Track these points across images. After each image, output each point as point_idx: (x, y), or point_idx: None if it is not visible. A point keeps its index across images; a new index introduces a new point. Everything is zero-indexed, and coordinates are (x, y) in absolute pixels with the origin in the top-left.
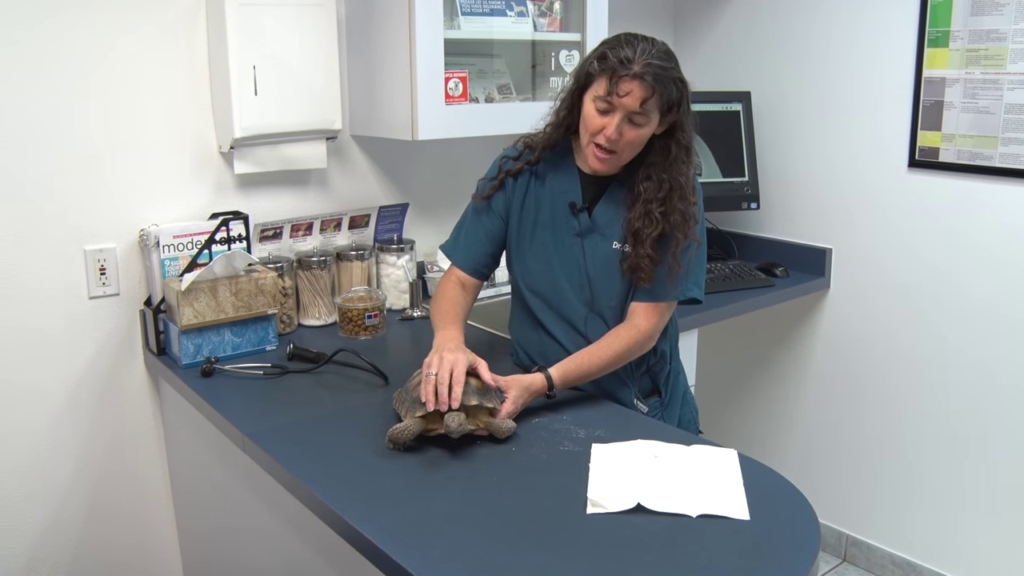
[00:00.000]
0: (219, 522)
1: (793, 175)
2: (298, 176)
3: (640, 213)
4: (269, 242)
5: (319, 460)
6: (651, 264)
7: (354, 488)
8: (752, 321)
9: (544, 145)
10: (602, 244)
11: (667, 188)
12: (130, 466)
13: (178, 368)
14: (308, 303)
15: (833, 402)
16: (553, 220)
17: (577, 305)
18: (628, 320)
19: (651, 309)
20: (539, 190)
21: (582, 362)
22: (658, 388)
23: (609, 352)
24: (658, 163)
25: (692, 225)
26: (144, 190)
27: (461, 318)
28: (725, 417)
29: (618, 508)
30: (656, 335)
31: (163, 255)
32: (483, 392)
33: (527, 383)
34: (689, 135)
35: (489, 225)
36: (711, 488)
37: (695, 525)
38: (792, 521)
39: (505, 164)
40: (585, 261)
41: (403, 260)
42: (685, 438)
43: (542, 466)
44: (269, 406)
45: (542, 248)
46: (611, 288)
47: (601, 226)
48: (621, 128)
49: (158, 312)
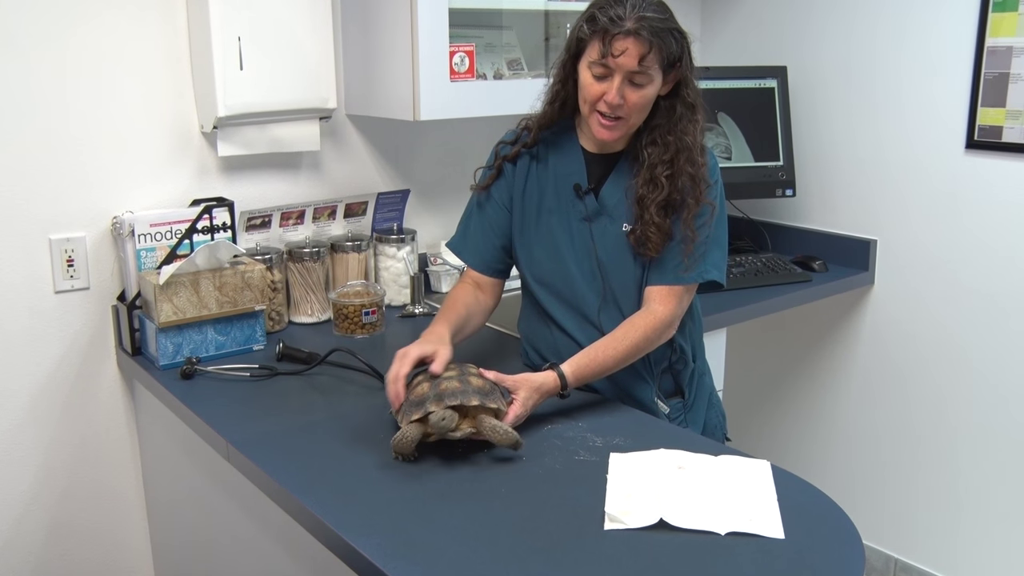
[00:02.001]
0: (199, 539)
1: (833, 158)
2: (288, 159)
3: (645, 179)
4: (256, 231)
5: (311, 470)
6: (659, 234)
7: (349, 501)
8: (786, 320)
9: (539, 124)
10: (611, 227)
11: (673, 150)
12: (100, 477)
13: (155, 370)
14: (299, 298)
15: (878, 410)
16: (558, 205)
17: (589, 295)
18: (644, 306)
19: (668, 293)
20: (541, 173)
21: (596, 355)
22: (681, 388)
23: (625, 343)
24: (662, 125)
25: (703, 188)
26: (117, 173)
27: (456, 316)
28: (756, 425)
29: (639, 524)
30: (676, 321)
31: (138, 245)
32: (485, 391)
33: (538, 383)
34: (695, 91)
35: (494, 217)
36: (742, 503)
37: (724, 544)
38: (832, 541)
39: (501, 150)
40: (595, 246)
41: (403, 252)
42: (713, 448)
43: (555, 477)
44: (256, 411)
45: (548, 235)
46: (624, 274)
47: (610, 208)
48: (622, 91)
49: (133, 308)
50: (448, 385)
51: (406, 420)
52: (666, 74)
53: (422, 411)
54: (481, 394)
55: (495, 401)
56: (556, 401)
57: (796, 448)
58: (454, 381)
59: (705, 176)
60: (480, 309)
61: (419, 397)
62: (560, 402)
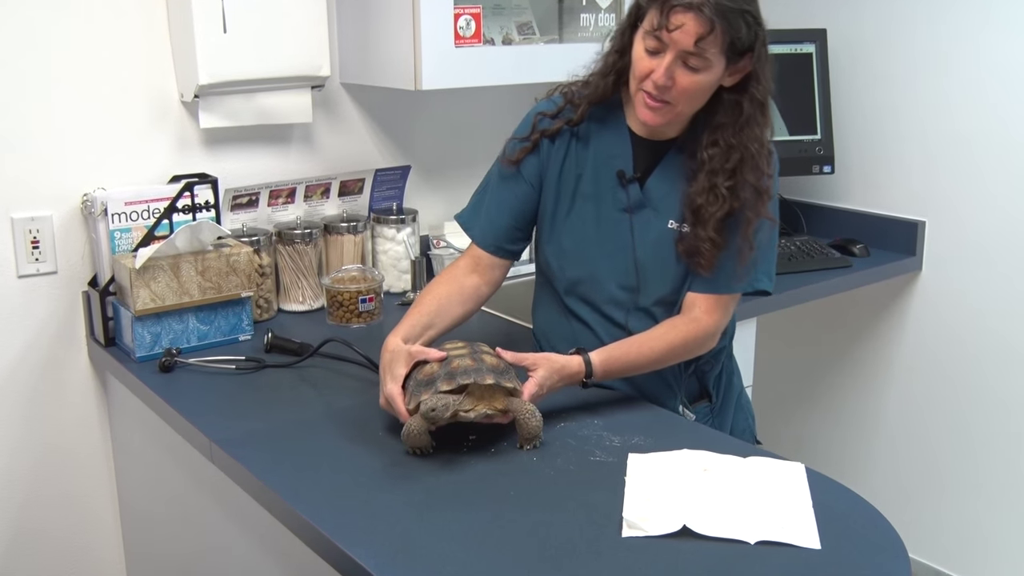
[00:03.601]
0: (179, 548)
1: (878, 132)
2: (277, 132)
3: (703, 187)
4: (243, 211)
5: (302, 472)
6: (713, 249)
7: (344, 505)
8: (823, 310)
9: (590, 100)
10: (655, 222)
11: (737, 157)
12: (68, 482)
13: (131, 362)
14: (290, 284)
15: (925, 410)
16: (596, 191)
17: (619, 295)
18: (685, 312)
19: (714, 302)
20: (581, 154)
21: (629, 350)
22: (708, 391)
23: (662, 344)
24: (727, 125)
25: (765, 202)
26: (88, 147)
27: (419, 315)
28: (788, 426)
29: (660, 531)
30: (718, 333)
31: (112, 225)
32: (500, 370)
33: (560, 364)
34: (765, 89)
35: (519, 194)
36: (773, 509)
37: (753, 554)
38: (874, 553)
39: (540, 122)
40: (634, 241)
41: (404, 234)
42: (741, 448)
43: (569, 479)
44: (242, 407)
45: (580, 223)
46: (664, 276)
47: (655, 200)
48: (672, 71)
49: (106, 294)
50: (460, 363)
51: (414, 402)
52: (730, 62)
53: (432, 391)
54: (496, 372)
55: (511, 380)
56: (570, 397)
57: (833, 451)
58: (466, 359)
59: (769, 188)
60: (464, 297)
61: (428, 376)
62: (574, 398)
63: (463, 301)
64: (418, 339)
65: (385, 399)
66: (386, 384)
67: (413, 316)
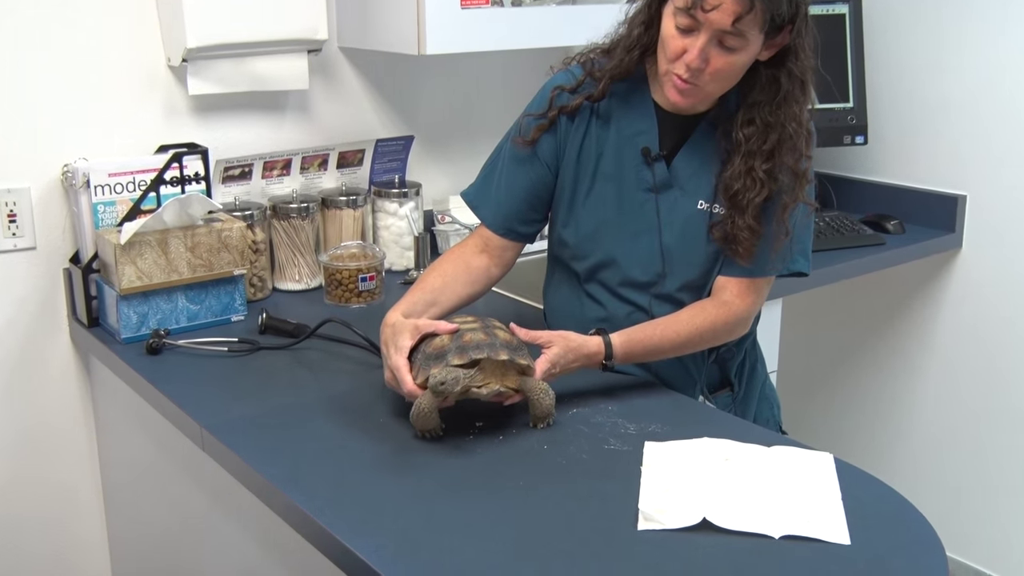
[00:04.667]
0: (167, 541)
1: (915, 98)
2: (271, 100)
3: (740, 171)
4: (235, 183)
5: (299, 460)
6: (752, 237)
7: (343, 495)
8: (854, 291)
9: (612, 75)
10: (683, 202)
11: (775, 137)
12: (50, 471)
13: (116, 344)
14: (285, 261)
15: (964, 398)
16: (619, 170)
17: (643, 281)
18: (715, 296)
19: (747, 285)
20: (602, 131)
21: (653, 333)
22: (730, 380)
23: (689, 328)
24: (764, 103)
25: (803, 186)
26: (69, 114)
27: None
28: (816, 414)
29: (678, 524)
30: (751, 318)
31: (95, 198)
32: (513, 346)
33: (576, 343)
34: (805, 65)
35: (533, 175)
36: (799, 502)
37: (778, 549)
38: (909, 549)
39: (558, 98)
40: (660, 223)
41: (406, 208)
42: (765, 437)
43: (581, 469)
44: (235, 392)
45: (600, 205)
46: (692, 259)
47: (683, 179)
48: (707, 52)
49: (89, 272)
50: (473, 337)
51: (423, 376)
52: (768, 38)
53: (443, 365)
54: (510, 348)
55: (525, 358)
56: (583, 381)
57: (863, 440)
58: (479, 332)
59: (807, 172)
60: (471, 278)
61: (438, 350)
62: (588, 383)
63: (470, 281)
64: (420, 317)
65: (390, 373)
66: (391, 356)
67: (415, 293)
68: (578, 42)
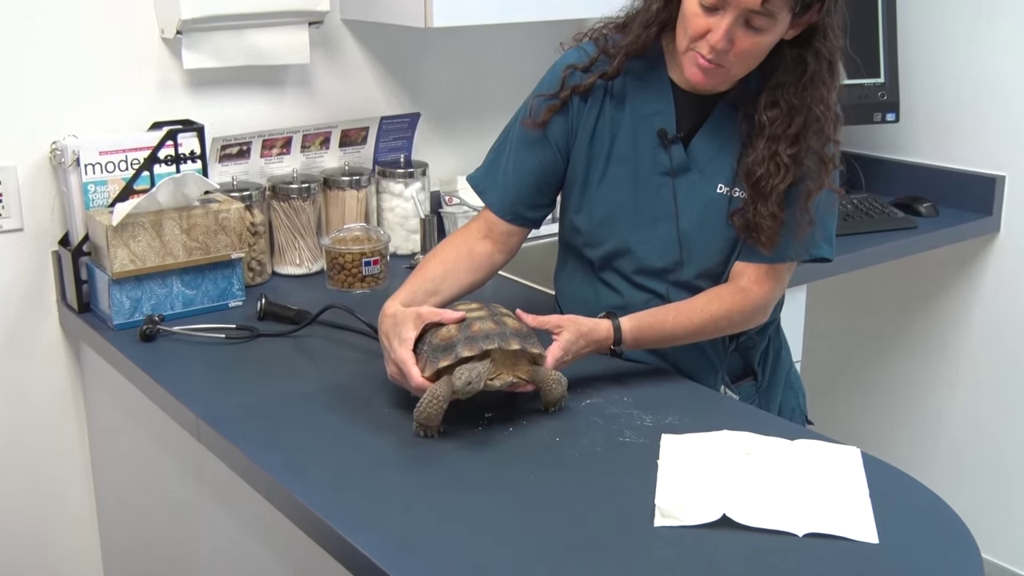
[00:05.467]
0: (162, 538)
1: (951, 73)
2: (271, 74)
3: (764, 156)
4: (233, 162)
5: (300, 452)
6: (775, 225)
7: (346, 488)
8: (884, 277)
9: (627, 51)
10: (701, 186)
11: (800, 120)
12: (38, 465)
13: (108, 330)
14: (285, 245)
15: (1000, 391)
16: (634, 153)
17: (660, 268)
18: (733, 281)
19: (765, 271)
20: (616, 112)
21: (665, 319)
22: (753, 369)
23: (703, 315)
24: (788, 84)
25: (829, 171)
26: (57, 88)
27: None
28: (842, 406)
29: (696, 520)
30: (770, 306)
31: (85, 177)
32: (524, 334)
33: (586, 327)
34: (833, 45)
35: (542, 159)
36: (824, 498)
37: (801, 547)
38: (941, 549)
39: (571, 77)
40: (677, 208)
41: (412, 189)
42: (788, 430)
43: (595, 463)
44: (233, 381)
45: (614, 189)
46: (710, 245)
47: (701, 162)
48: (732, 33)
49: (79, 255)
50: (482, 326)
51: (432, 368)
52: (796, 17)
53: (452, 356)
54: (520, 337)
55: (536, 346)
56: (597, 370)
57: (892, 435)
58: (487, 321)
59: (834, 157)
60: (474, 264)
61: (445, 341)
62: (601, 372)
63: (473, 268)
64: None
65: (395, 367)
66: (394, 349)
67: (415, 281)
68: (594, 14)
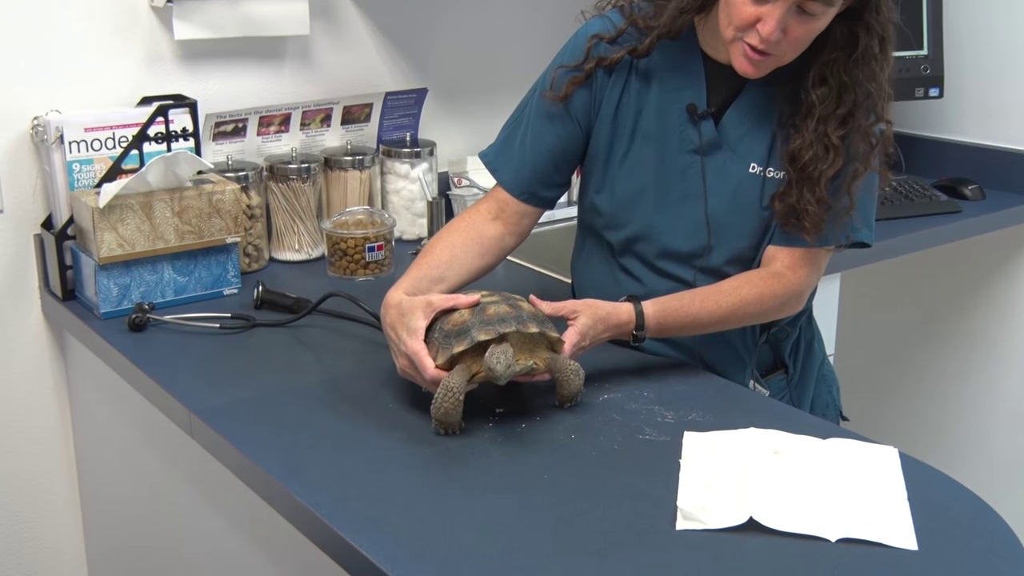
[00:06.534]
0: (151, 540)
1: (1000, 45)
2: (268, 46)
3: (811, 139)
4: (227, 140)
5: (299, 449)
6: (820, 211)
7: (348, 488)
8: (925, 264)
9: (661, 34)
10: (733, 165)
11: (851, 100)
12: (19, 461)
13: (94, 319)
14: (284, 229)
15: None
16: (660, 130)
17: (686, 252)
18: (765, 267)
19: (801, 256)
20: (642, 86)
21: (691, 303)
22: (783, 361)
23: (732, 299)
24: (838, 60)
25: (876, 153)
26: (40, 61)
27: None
28: (878, 402)
29: (721, 524)
30: (806, 294)
31: (70, 156)
32: (541, 318)
33: (604, 312)
34: (886, 18)
35: (563, 135)
36: (859, 501)
37: (834, 554)
38: (986, 559)
39: (596, 48)
40: (706, 189)
41: (419, 170)
42: (820, 428)
43: (613, 462)
44: (228, 373)
45: (639, 168)
46: (742, 229)
47: (733, 140)
48: (785, 22)
49: (63, 238)
50: (496, 310)
51: (445, 355)
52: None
53: (468, 341)
54: (538, 320)
55: (554, 330)
56: (614, 364)
57: (933, 434)
58: (502, 305)
59: (888, 140)
60: (483, 248)
61: (458, 326)
62: (620, 365)
63: (482, 253)
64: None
65: (405, 360)
66: (404, 341)
67: (420, 267)
68: None
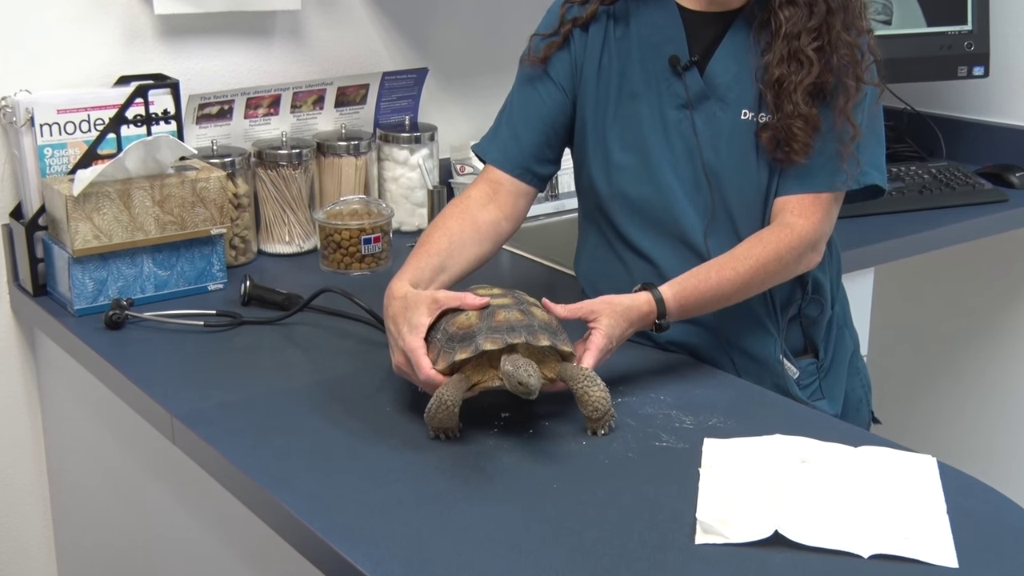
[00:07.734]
0: (129, 551)
1: None
2: (256, 22)
3: (782, 55)
4: (212, 124)
5: (288, 456)
6: (806, 127)
7: (341, 497)
8: (967, 258)
9: None
10: (724, 115)
11: (822, 12)
12: None
13: (68, 316)
14: (273, 219)
15: None
16: (646, 86)
17: (690, 213)
18: (775, 220)
19: (812, 202)
20: (622, 43)
21: (708, 277)
22: (814, 344)
23: (748, 262)
24: None
25: (867, 64)
26: (7, 38)
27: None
28: (914, 408)
29: (744, 538)
30: (822, 241)
31: (41, 139)
32: (553, 329)
33: (623, 306)
34: None
35: (547, 100)
36: (894, 514)
37: (867, 571)
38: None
39: (569, 11)
40: (699, 143)
41: (419, 156)
42: (851, 435)
43: (627, 471)
44: (213, 375)
45: (631, 130)
46: (743, 180)
47: (721, 89)
48: None
49: (34, 229)
50: (507, 316)
51: (446, 361)
52: None
53: (472, 349)
54: (550, 332)
55: (566, 343)
56: (627, 365)
57: (975, 442)
58: (513, 310)
59: (871, 47)
60: (480, 235)
61: (464, 330)
62: (634, 366)
63: (479, 240)
64: (429, 285)
65: (402, 356)
66: (403, 337)
67: (420, 257)
68: None
